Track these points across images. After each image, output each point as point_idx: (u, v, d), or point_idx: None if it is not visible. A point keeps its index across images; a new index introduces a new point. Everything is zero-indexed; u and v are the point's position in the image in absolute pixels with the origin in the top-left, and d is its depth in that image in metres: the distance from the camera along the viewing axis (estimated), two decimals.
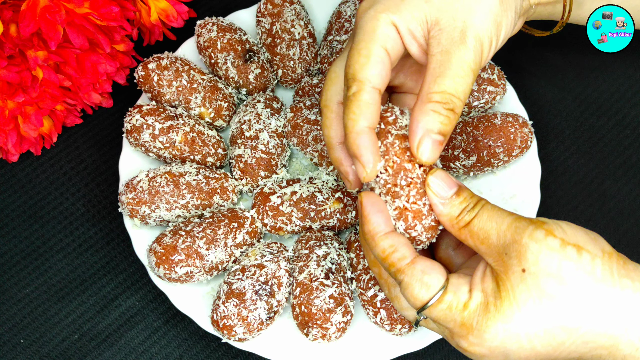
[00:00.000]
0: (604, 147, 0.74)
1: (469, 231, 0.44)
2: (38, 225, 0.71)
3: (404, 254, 0.45)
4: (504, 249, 0.42)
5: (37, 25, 0.61)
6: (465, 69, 0.46)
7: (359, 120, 0.46)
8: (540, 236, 0.41)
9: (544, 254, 0.41)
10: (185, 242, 0.60)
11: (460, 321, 0.43)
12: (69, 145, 0.76)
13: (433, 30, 0.47)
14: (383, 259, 0.45)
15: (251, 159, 0.67)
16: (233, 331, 0.58)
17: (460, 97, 0.46)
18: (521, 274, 0.41)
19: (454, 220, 0.45)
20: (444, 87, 0.45)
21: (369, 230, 0.46)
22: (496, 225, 0.43)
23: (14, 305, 0.66)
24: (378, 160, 0.46)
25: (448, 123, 0.45)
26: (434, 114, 0.45)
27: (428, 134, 0.45)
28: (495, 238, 0.43)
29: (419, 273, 0.44)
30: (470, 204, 0.45)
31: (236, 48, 0.72)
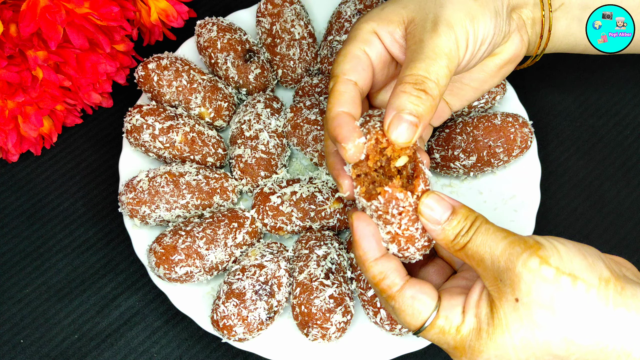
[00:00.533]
0: (603, 148, 0.74)
1: (464, 254, 0.44)
2: (38, 225, 0.71)
3: (394, 280, 0.45)
4: (499, 275, 0.42)
5: (37, 25, 0.61)
6: (436, 52, 0.47)
7: (334, 107, 0.48)
8: (535, 266, 0.41)
9: (537, 285, 0.40)
10: (185, 242, 0.60)
11: (453, 344, 0.44)
12: (69, 145, 0.76)
13: (409, 27, 0.50)
14: (374, 284, 0.46)
15: (251, 159, 0.67)
16: (233, 331, 0.58)
17: (432, 77, 0.46)
18: (514, 303, 0.41)
19: (450, 244, 0.45)
20: (415, 70, 0.46)
21: (359, 255, 0.46)
22: (489, 250, 0.43)
23: (14, 305, 0.66)
24: (357, 136, 0.46)
25: (420, 103, 0.45)
26: (404, 94, 0.45)
27: (398, 113, 0.45)
28: (489, 263, 0.42)
29: (409, 300, 0.45)
30: (465, 227, 0.44)
31: (236, 48, 0.72)
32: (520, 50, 0.57)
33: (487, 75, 0.57)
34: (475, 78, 0.57)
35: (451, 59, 0.48)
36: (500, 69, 0.57)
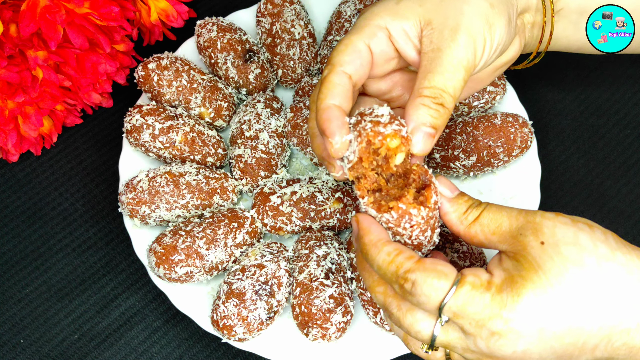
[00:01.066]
0: (604, 147, 0.74)
1: (479, 224, 0.45)
2: (38, 225, 0.71)
3: (410, 254, 0.43)
4: (518, 231, 0.43)
5: (37, 25, 0.61)
6: (455, 65, 0.47)
7: (325, 98, 0.48)
8: (551, 215, 0.43)
9: (559, 228, 0.42)
10: (185, 242, 0.60)
11: (489, 300, 0.40)
12: (69, 145, 0.76)
13: (426, 29, 0.49)
14: (388, 263, 0.43)
15: (251, 159, 0.67)
16: (233, 331, 0.58)
17: (450, 92, 0.47)
18: (541, 247, 0.41)
19: (462, 217, 0.45)
20: (434, 83, 0.47)
21: (370, 239, 0.45)
22: (507, 213, 0.44)
23: (14, 305, 0.66)
24: (345, 133, 0.46)
25: (438, 117, 0.46)
26: (424, 108, 0.46)
27: (419, 126, 0.46)
28: (507, 224, 0.44)
29: (431, 265, 0.42)
30: (474, 202, 0.46)
31: (236, 48, 0.72)
32: (517, 53, 0.58)
33: (482, 76, 0.58)
34: (472, 78, 0.58)
35: (468, 70, 0.48)
36: (496, 71, 0.58)
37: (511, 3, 0.53)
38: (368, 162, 0.46)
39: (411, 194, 0.44)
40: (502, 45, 0.52)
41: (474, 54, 0.48)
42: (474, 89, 0.60)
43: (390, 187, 0.46)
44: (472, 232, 0.45)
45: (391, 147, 0.45)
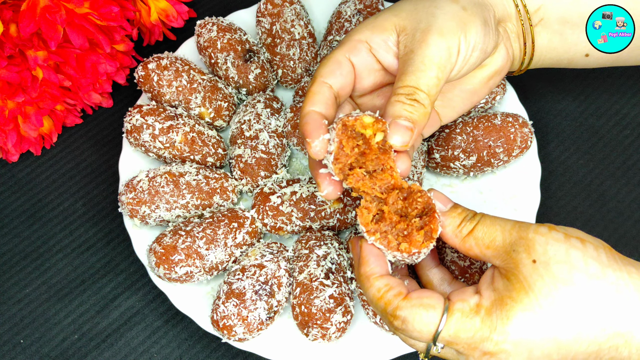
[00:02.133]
0: (604, 147, 0.74)
1: (473, 238, 0.45)
2: (38, 225, 0.71)
3: (399, 290, 0.44)
4: (511, 247, 0.43)
5: (37, 25, 0.61)
6: (426, 63, 0.49)
7: (305, 106, 0.50)
8: (545, 230, 0.43)
9: (551, 245, 0.42)
10: (185, 242, 0.60)
11: (479, 324, 0.42)
12: (69, 145, 0.76)
13: (401, 36, 0.51)
14: (378, 299, 0.45)
15: (251, 159, 0.67)
16: (233, 331, 0.58)
17: (423, 89, 0.48)
18: (532, 265, 0.42)
19: (456, 230, 0.46)
20: (407, 82, 0.48)
21: (365, 271, 0.46)
22: (500, 227, 0.45)
23: (14, 305, 0.66)
24: (322, 132, 0.47)
25: (413, 111, 0.48)
26: (397, 103, 0.48)
27: (395, 119, 0.47)
28: (500, 239, 0.44)
29: (417, 300, 0.43)
30: (468, 214, 0.46)
31: (236, 48, 0.72)
32: (506, 62, 0.59)
33: (476, 87, 0.58)
34: (465, 89, 0.58)
35: (441, 68, 0.49)
36: (488, 81, 0.59)
37: (486, 8, 0.55)
38: (348, 145, 0.46)
39: (421, 235, 0.46)
40: (481, 46, 0.53)
41: (448, 52, 0.50)
42: (470, 101, 0.60)
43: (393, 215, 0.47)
44: (467, 246, 0.46)
45: (365, 122, 0.46)
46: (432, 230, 0.45)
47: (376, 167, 0.47)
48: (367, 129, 0.47)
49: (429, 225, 0.46)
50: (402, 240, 0.46)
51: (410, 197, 0.47)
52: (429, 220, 0.46)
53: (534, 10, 0.59)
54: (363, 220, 0.47)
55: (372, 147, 0.47)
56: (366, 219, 0.47)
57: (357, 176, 0.47)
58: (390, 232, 0.46)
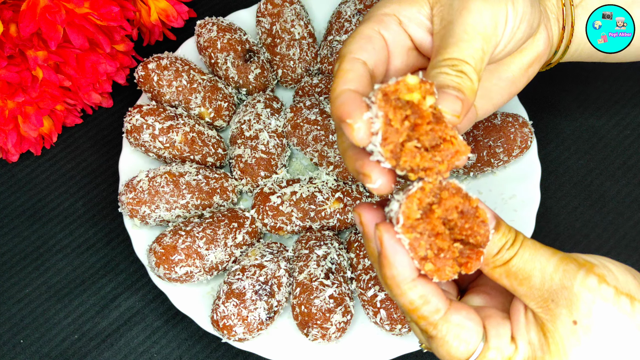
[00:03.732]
0: (604, 148, 0.74)
1: (505, 270, 0.38)
2: (38, 225, 0.71)
3: (437, 306, 0.38)
4: (550, 295, 0.37)
5: (37, 25, 0.61)
6: (470, 32, 0.41)
7: (338, 85, 0.40)
8: (594, 284, 0.37)
9: (598, 305, 0.37)
10: (185, 242, 0.60)
11: None
12: (69, 145, 0.76)
13: (435, 8, 0.45)
14: (411, 311, 0.38)
15: (251, 159, 0.67)
16: (233, 331, 0.58)
17: (468, 61, 0.41)
18: (572, 326, 0.37)
19: (490, 260, 0.38)
20: (449, 54, 0.41)
21: (393, 275, 0.37)
22: (540, 266, 0.37)
23: (14, 305, 0.66)
24: (364, 110, 0.36)
25: (461, 81, 0.40)
26: (442, 75, 0.40)
27: (441, 89, 0.39)
28: (538, 281, 0.37)
29: (455, 328, 0.38)
30: (509, 239, 0.38)
31: (236, 48, 0.72)
32: (547, 48, 0.53)
33: (515, 75, 0.52)
34: (504, 78, 0.52)
35: (487, 40, 0.42)
36: (528, 69, 0.53)
37: None
38: (396, 118, 0.35)
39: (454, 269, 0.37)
40: (529, 17, 0.46)
41: (494, 22, 0.42)
42: (508, 92, 0.53)
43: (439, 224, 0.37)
44: (495, 275, 0.39)
45: (410, 84, 0.36)
46: (466, 268, 0.37)
47: (433, 140, 0.36)
48: (414, 92, 0.36)
49: (467, 263, 0.37)
50: (432, 257, 0.37)
51: (469, 219, 0.37)
52: (468, 257, 0.37)
53: None
54: (408, 212, 0.36)
55: (425, 114, 0.36)
56: (412, 212, 0.36)
57: (412, 152, 0.36)
58: (425, 238, 0.37)
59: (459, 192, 0.38)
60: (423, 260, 0.37)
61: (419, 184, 0.36)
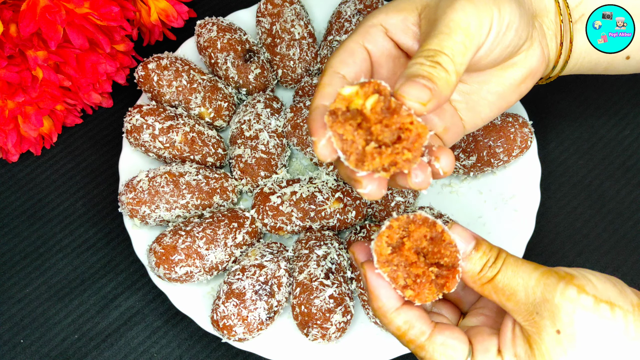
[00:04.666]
0: (604, 147, 0.74)
1: (492, 287, 0.41)
2: (38, 225, 0.71)
3: (421, 329, 0.41)
4: (534, 308, 0.39)
5: (37, 25, 0.61)
6: (451, 27, 0.42)
7: (315, 99, 0.44)
8: (573, 295, 0.39)
9: (578, 314, 0.38)
10: (185, 242, 0.60)
11: None
12: (69, 145, 0.76)
13: (422, 14, 0.46)
14: (399, 336, 0.42)
15: (251, 159, 0.67)
16: (233, 331, 0.58)
17: (446, 52, 0.41)
18: (556, 336, 0.39)
19: (476, 277, 0.41)
20: (427, 46, 0.41)
21: (379, 307, 0.42)
22: (522, 281, 0.40)
23: (14, 305, 0.66)
24: (323, 134, 0.39)
25: (434, 72, 0.40)
26: (415, 65, 0.41)
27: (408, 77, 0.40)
28: (523, 295, 0.40)
29: (440, 347, 0.41)
30: (490, 257, 0.41)
31: (236, 48, 0.72)
32: (541, 64, 0.53)
33: (505, 90, 0.52)
34: (493, 91, 0.52)
35: (469, 35, 0.42)
36: (520, 84, 0.52)
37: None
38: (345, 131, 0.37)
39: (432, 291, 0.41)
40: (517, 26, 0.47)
41: (478, 21, 0.43)
42: (497, 107, 0.53)
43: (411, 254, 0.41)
44: (485, 293, 0.41)
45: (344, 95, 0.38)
46: (446, 288, 0.41)
47: (393, 134, 0.38)
48: (355, 100, 0.37)
49: (445, 283, 0.41)
50: (411, 284, 0.41)
51: (438, 244, 0.41)
52: (446, 277, 0.41)
53: (574, 5, 0.53)
54: (379, 250, 0.41)
55: (369, 115, 0.37)
56: (383, 249, 0.41)
57: (372, 154, 0.37)
58: (401, 269, 0.41)
59: (425, 222, 0.41)
60: (404, 289, 0.41)
61: (387, 222, 0.40)
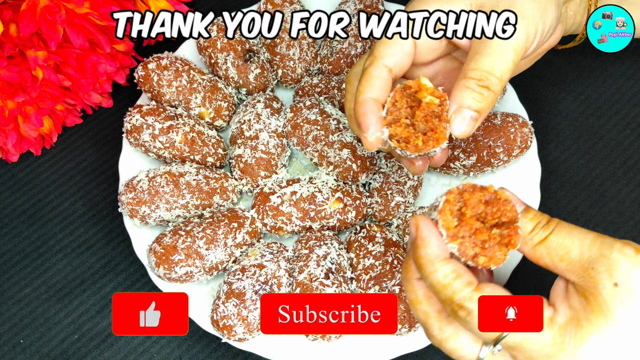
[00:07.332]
0: (604, 147, 0.74)
1: (545, 248, 0.41)
2: (38, 225, 0.71)
3: (469, 279, 0.41)
4: (590, 264, 0.40)
5: (37, 25, 0.61)
6: (504, 47, 0.46)
7: (364, 91, 0.48)
8: (631, 252, 0.40)
9: (637, 270, 0.39)
10: (185, 242, 0.60)
11: (549, 340, 0.39)
12: (69, 145, 0.76)
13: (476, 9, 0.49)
14: (444, 286, 0.41)
15: (251, 159, 0.67)
16: (233, 331, 0.58)
17: (497, 74, 0.46)
18: (613, 288, 0.39)
19: (527, 237, 0.42)
20: (480, 65, 0.46)
21: (427, 253, 0.41)
22: (578, 240, 0.41)
23: (14, 305, 0.66)
24: (379, 127, 0.47)
25: (482, 100, 0.46)
26: (467, 90, 0.46)
27: (460, 109, 0.46)
28: (577, 253, 0.41)
29: (490, 294, 0.40)
30: (542, 220, 0.42)
31: (236, 48, 0.72)
32: (557, 40, 0.57)
33: (523, 62, 0.57)
34: None
35: (518, 53, 0.47)
36: (537, 56, 0.57)
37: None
38: (400, 101, 0.47)
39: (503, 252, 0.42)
40: (554, 27, 0.51)
41: (526, 37, 0.48)
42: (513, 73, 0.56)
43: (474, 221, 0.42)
44: (537, 255, 0.42)
45: (423, 84, 0.46)
46: (511, 245, 0.42)
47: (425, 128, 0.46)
48: (423, 92, 0.47)
49: (509, 241, 0.42)
50: (480, 251, 0.42)
51: (494, 204, 0.42)
52: (508, 235, 0.42)
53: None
54: (446, 224, 0.42)
55: (423, 107, 0.46)
56: (449, 222, 0.42)
57: (401, 124, 0.47)
58: (467, 239, 0.42)
59: (476, 188, 0.43)
60: (475, 258, 0.42)
61: (443, 198, 0.43)
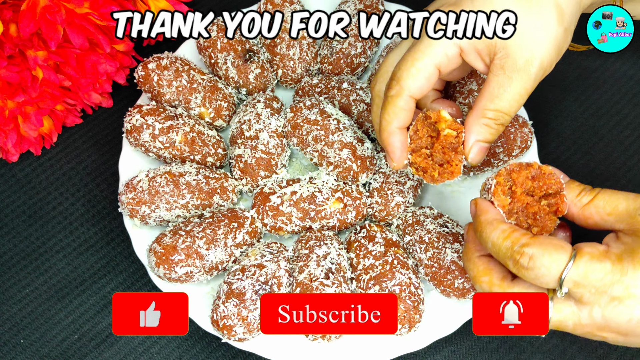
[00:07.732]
0: (604, 148, 0.74)
1: (594, 206, 0.47)
2: (38, 225, 0.71)
3: (525, 231, 0.46)
4: (636, 211, 0.45)
5: (37, 25, 0.61)
6: (522, 94, 0.51)
7: (392, 121, 0.53)
8: None
9: None
10: (185, 242, 0.60)
11: (610, 267, 0.42)
12: (69, 145, 0.76)
13: (500, 53, 0.51)
14: (504, 238, 0.46)
15: (251, 159, 0.67)
16: (233, 331, 0.58)
17: (511, 114, 0.52)
18: None
19: (575, 199, 0.48)
20: (499, 107, 0.51)
21: (486, 218, 0.48)
22: (623, 196, 0.46)
23: (14, 305, 0.66)
24: (405, 156, 0.54)
25: (495, 134, 0.53)
26: (486, 127, 0.52)
27: (478, 142, 0.52)
28: (624, 205, 0.46)
29: (547, 239, 0.44)
30: (586, 187, 0.48)
31: (236, 48, 0.72)
32: None
33: None
34: None
35: (529, 93, 0.52)
36: None
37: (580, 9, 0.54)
38: (422, 130, 0.53)
39: (553, 221, 0.48)
40: None
41: (541, 78, 0.52)
42: None
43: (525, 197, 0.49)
44: (586, 214, 0.48)
45: (442, 116, 0.52)
46: (559, 212, 0.48)
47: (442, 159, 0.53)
48: (442, 123, 0.53)
49: (557, 209, 0.48)
50: (532, 222, 0.48)
51: (540, 178, 0.49)
52: (555, 204, 0.48)
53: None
54: (501, 202, 0.49)
55: (441, 140, 0.53)
56: (504, 201, 0.49)
57: (421, 154, 0.54)
58: (520, 214, 0.49)
59: (522, 166, 0.49)
60: (529, 229, 0.48)
61: (494, 181, 0.49)
